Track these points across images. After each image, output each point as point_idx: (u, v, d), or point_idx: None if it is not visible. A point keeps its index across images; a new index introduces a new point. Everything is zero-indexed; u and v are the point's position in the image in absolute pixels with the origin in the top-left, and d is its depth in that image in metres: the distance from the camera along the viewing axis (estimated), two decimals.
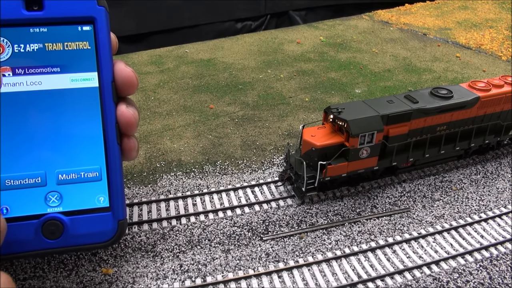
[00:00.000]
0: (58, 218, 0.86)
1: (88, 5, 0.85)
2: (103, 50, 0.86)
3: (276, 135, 1.80)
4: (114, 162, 0.89)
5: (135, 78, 0.91)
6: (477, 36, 3.04)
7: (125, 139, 0.92)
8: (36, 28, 0.84)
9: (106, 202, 0.89)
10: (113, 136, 0.88)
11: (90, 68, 0.87)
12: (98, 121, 0.88)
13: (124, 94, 0.92)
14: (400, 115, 1.39)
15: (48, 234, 0.85)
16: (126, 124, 0.89)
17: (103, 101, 0.87)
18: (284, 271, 1.18)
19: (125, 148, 0.92)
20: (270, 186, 1.51)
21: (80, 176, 0.88)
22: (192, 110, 1.97)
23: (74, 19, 0.85)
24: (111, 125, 0.88)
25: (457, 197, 1.50)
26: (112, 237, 0.89)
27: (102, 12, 0.85)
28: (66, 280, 1.11)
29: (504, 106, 1.57)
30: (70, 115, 0.87)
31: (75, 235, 0.87)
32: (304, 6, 3.84)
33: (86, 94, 0.87)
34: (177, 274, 1.16)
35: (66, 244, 0.87)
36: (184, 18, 3.29)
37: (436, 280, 1.17)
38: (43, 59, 0.85)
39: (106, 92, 0.87)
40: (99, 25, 0.86)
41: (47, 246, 0.85)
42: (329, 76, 2.36)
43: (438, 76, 2.40)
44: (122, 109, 0.89)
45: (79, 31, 0.85)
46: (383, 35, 3.02)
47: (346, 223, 1.36)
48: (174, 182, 1.52)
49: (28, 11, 0.82)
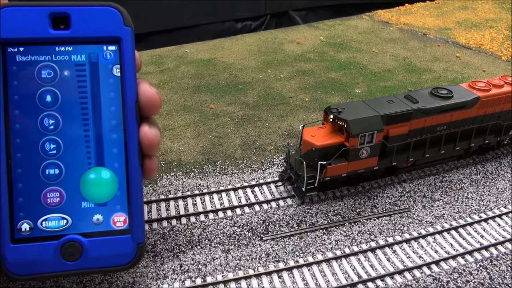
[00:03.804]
0: (77, 240, 0.85)
1: (114, 25, 0.84)
2: (128, 70, 0.85)
3: (276, 135, 1.80)
4: (135, 185, 0.87)
5: (159, 99, 0.89)
6: (477, 36, 3.04)
7: (147, 160, 0.89)
8: (61, 47, 0.83)
9: (127, 224, 0.88)
10: (135, 158, 0.86)
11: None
12: (121, 142, 0.87)
13: (148, 114, 0.90)
14: (400, 115, 1.39)
15: (67, 256, 0.84)
16: (149, 145, 0.87)
17: (126, 122, 0.86)
18: (284, 271, 1.18)
19: (147, 169, 0.89)
20: (270, 186, 1.51)
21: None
22: (192, 110, 1.97)
23: (100, 39, 0.84)
24: (133, 146, 0.86)
25: (457, 197, 1.50)
26: (131, 260, 0.88)
27: (128, 32, 0.84)
28: (66, 280, 1.10)
29: (504, 106, 1.57)
30: None
31: (94, 257, 0.85)
32: (304, 6, 3.84)
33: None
34: (177, 274, 1.16)
35: (85, 266, 0.85)
36: (184, 18, 3.28)
37: (436, 280, 1.17)
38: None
39: (129, 113, 0.85)
40: (124, 45, 0.84)
41: (65, 268, 0.84)
42: (329, 76, 2.36)
43: (438, 76, 2.40)
44: (145, 130, 0.87)
45: (104, 50, 0.85)
46: (383, 35, 3.02)
47: (346, 223, 1.36)
48: (174, 182, 1.52)
49: (55, 30, 0.82)
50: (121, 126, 0.86)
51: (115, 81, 0.85)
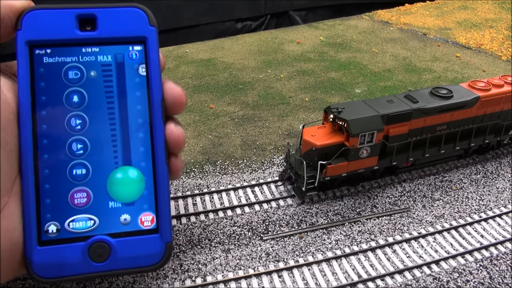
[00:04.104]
0: (105, 240, 0.84)
1: (140, 25, 0.84)
2: (154, 70, 0.85)
3: (276, 135, 1.80)
4: (163, 184, 0.86)
5: (185, 97, 0.89)
6: (477, 36, 3.04)
7: (173, 158, 0.89)
8: (88, 48, 0.83)
9: (154, 224, 0.87)
10: (162, 156, 0.86)
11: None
12: (147, 141, 0.86)
13: (173, 113, 0.90)
14: (400, 115, 1.39)
15: (95, 257, 0.83)
16: (175, 143, 0.87)
17: (153, 121, 0.86)
18: (284, 270, 1.18)
19: (173, 167, 0.89)
20: (270, 186, 1.51)
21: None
22: (192, 110, 1.97)
23: (126, 39, 0.84)
24: (160, 145, 0.86)
25: (457, 196, 1.50)
26: (160, 260, 0.86)
27: (153, 32, 0.85)
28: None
29: (504, 106, 1.57)
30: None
31: (122, 258, 0.84)
32: (304, 6, 3.84)
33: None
34: (177, 274, 1.16)
35: (113, 267, 0.84)
36: (184, 18, 3.29)
37: (436, 280, 1.17)
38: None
39: (156, 111, 0.85)
40: (150, 45, 0.85)
41: (94, 270, 0.83)
42: (329, 76, 2.36)
43: (438, 76, 2.40)
44: (171, 128, 0.87)
45: (130, 50, 0.85)
46: (383, 35, 3.02)
47: (346, 222, 1.36)
48: (174, 182, 1.52)
49: (82, 31, 0.82)
50: (147, 125, 0.86)
51: (141, 80, 0.86)
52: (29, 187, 0.80)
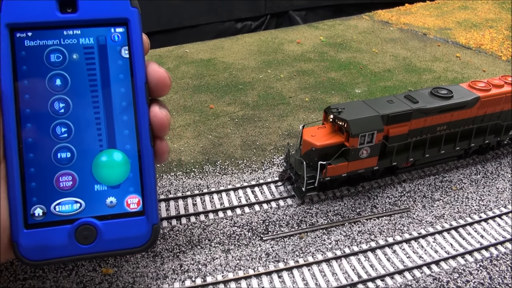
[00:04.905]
0: (91, 223, 0.84)
1: (121, 7, 0.84)
2: (137, 51, 0.85)
3: (276, 135, 1.80)
4: (148, 166, 0.86)
5: (168, 78, 0.89)
6: (477, 36, 3.04)
7: (158, 141, 0.90)
8: (69, 31, 0.83)
9: (140, 206, 0.87)
10: (146, 138, 0.86)
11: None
12: (132, 123, 0.86)
13: (157, 96, 0.90)
14: (400, 115, 1.39)
15: (82, 239, 0.83)
16: (160, 126, 0.87)
17: (136, 103, 0.85)
18: (284, 271, 1.18)
19: (158, 150, 0.90)
20: (270, 186, 1.51)
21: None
22: (192, 110, 1.97)
23: (108, 21, 0.84)
24: (145, 127, 0.86)
25: (457, 197, 1.50)
26: (147, 241, 0.87)
27: (135, 13, 0.85)
28: (66, 280, 1.11)
29: (504, 106, 1.57)
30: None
31: (109, 240, 0.85)
32: (304, 6, 3.84)
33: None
34: (177, 274, 1.16)
35: (100, 249, 0.85)
36: (184, 18, 3.29)
37: (436, 280, 1.17)
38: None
39: (140, 94, 0.85)
40: (132, 27, 0.84)
41: (81, 252, 0.84)
42: (329, 76, 2.36)
43: (438, 76, 2.40)
44: (156, 110, 0.87)
45: (112, 32, 0.85)
46: (383, 35, 3.02)
47: (346, 223, 1.36)
48: (174, 182, 1.52)
49: (62, 14, 0.82)
50: (131, 107, 0.86)
51: (124, 62, 0.86)
52: (14, 171, 0.81)
